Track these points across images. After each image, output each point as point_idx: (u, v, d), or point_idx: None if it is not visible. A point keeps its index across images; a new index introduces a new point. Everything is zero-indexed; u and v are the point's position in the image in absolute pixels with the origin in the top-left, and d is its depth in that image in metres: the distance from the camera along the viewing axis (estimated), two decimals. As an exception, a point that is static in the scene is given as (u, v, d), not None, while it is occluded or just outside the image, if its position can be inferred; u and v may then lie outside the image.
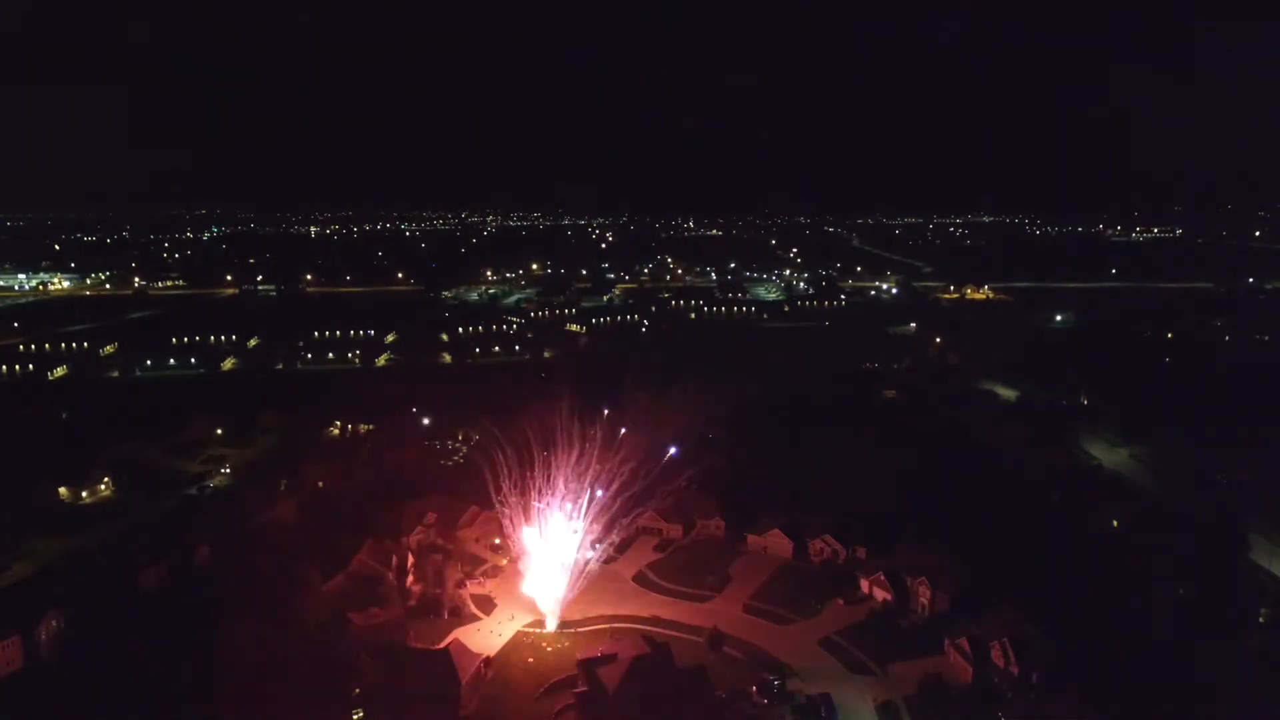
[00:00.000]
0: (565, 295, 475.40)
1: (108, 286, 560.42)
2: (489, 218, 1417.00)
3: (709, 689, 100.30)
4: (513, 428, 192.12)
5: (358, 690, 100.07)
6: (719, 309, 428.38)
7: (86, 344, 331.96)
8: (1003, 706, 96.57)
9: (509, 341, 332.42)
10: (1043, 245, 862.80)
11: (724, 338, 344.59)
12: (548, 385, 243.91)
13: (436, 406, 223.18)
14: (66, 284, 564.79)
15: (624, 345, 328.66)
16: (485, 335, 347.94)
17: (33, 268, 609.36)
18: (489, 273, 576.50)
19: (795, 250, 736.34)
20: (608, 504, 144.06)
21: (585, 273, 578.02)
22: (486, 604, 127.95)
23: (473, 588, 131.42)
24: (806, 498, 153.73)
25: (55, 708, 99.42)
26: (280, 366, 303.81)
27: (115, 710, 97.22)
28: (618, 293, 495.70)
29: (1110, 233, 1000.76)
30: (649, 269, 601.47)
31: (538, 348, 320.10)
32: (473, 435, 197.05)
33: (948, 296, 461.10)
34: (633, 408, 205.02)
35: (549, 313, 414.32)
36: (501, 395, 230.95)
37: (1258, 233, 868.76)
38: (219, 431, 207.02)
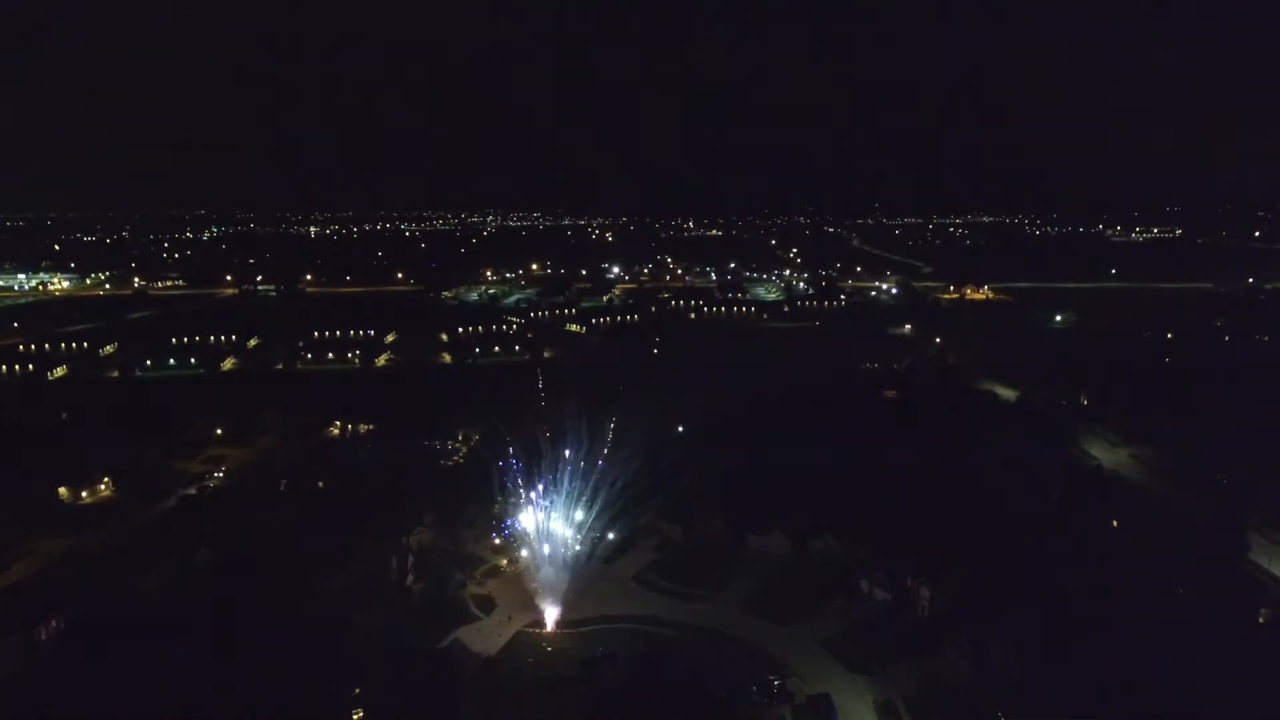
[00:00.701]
0: (565, 295, 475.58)
1: (108, 286, 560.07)
2: (489, 218, 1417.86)
3: (709, 689, 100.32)
4: (513, 427, 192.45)
5: (358, 690, 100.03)
6: (719, 309, 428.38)
7: (86, 344, 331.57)
8: (1003, 706, 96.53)
9: (509, 341, 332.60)
10: (1043, 245, 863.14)
11: (724, 337, 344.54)
12: (548, 385, 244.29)
13: (436, 406, 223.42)
14: (66, 284, 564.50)
15: (624, 345, 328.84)
16: (485, 335, 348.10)
17: (33, 268, 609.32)
18: (489, 273, 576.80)
19: (795, 250, 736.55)
20: (608, 504, 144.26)
21: (585, 273, 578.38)
22: (486, 604, 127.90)
23: (473, 588, 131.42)
24: (806, 498, 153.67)
25: (55, 708, 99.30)
26: (280, 366, 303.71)
27: (115, 710, 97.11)
28: (618, 293, 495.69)
29: (1110, 233, 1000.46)
30: (649, 269, 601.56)
31: (538, 348, 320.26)
32: (472, 435, 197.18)
33: (948, 296, 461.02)
34: (632, 407, 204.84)
35: (549, 313, 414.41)
36: (501, 395, 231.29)
37: (1258, 233, 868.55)
38: (219, 431, 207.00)
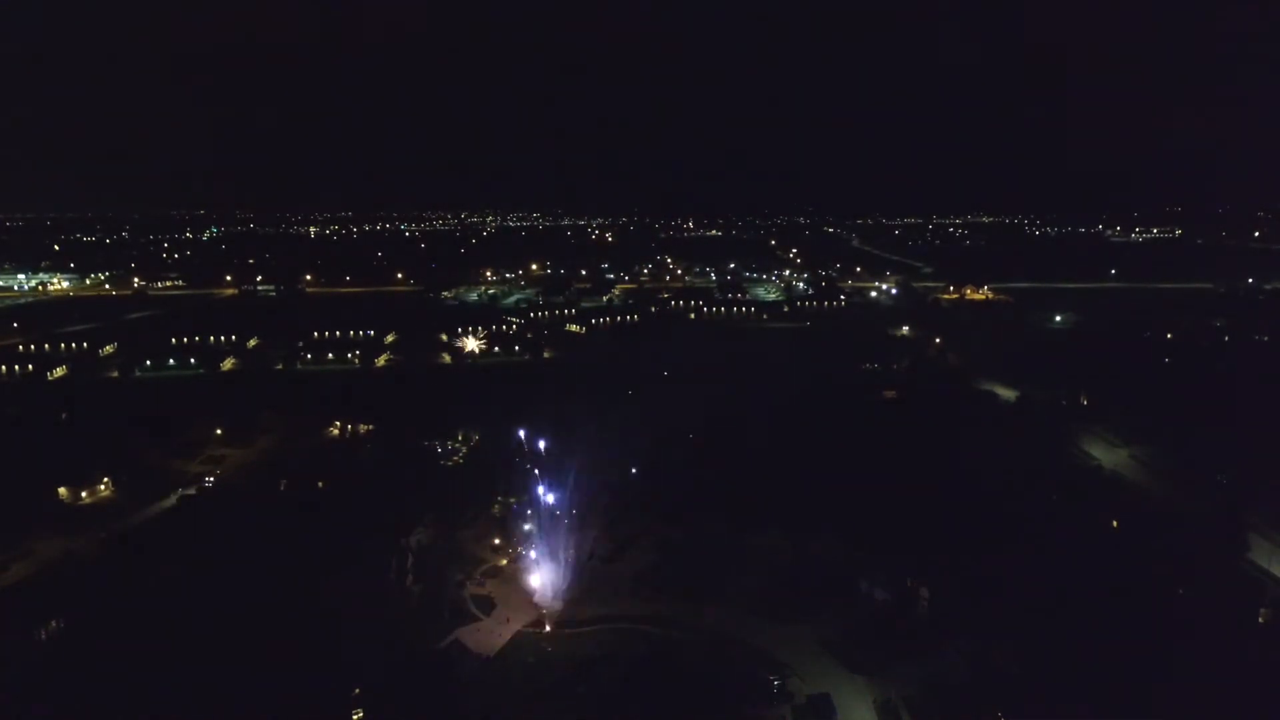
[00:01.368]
0: (565, 295, 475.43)
1: (107, 286, 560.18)
2: (489, 218, 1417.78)
3: (708, 689, 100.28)
4: (512, 428, 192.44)
5: (357, 690, 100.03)
6: (719, 309, 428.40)
7: (86, 344, 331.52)
8: (1003, 706, 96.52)
9: (509, 342, 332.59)
10: (1043, 245, 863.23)
11: (724, 337, 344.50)
12: (547, 385, 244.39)
13: (436, 406, 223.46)
14: (66, 284, 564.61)
15: (623, 345, 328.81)
16: (485, 335, 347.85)
17: (32, 268, 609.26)
18: (489, 273, 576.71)
19: (795, 250, 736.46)
20: (608, 503, 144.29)
21: (585, 273, 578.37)
22: (486, 604, 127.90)
23: (473, 588, 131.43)
24: (806, 498, 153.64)
25: (55, 709, 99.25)
26: (280, 366, 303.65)
27: (114, 711, 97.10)
28: (617, 293, 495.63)
29: (1110, 233, 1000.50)
30: (649, 269, 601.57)
31: (537, 348, 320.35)
32: (472, 435, 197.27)
33: (947, 297, 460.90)
34: (632, 407, 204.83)
35: (549, 313, 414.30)
36: (501, 395, 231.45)
37: (1257, 233, 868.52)
38: (218, 432, 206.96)
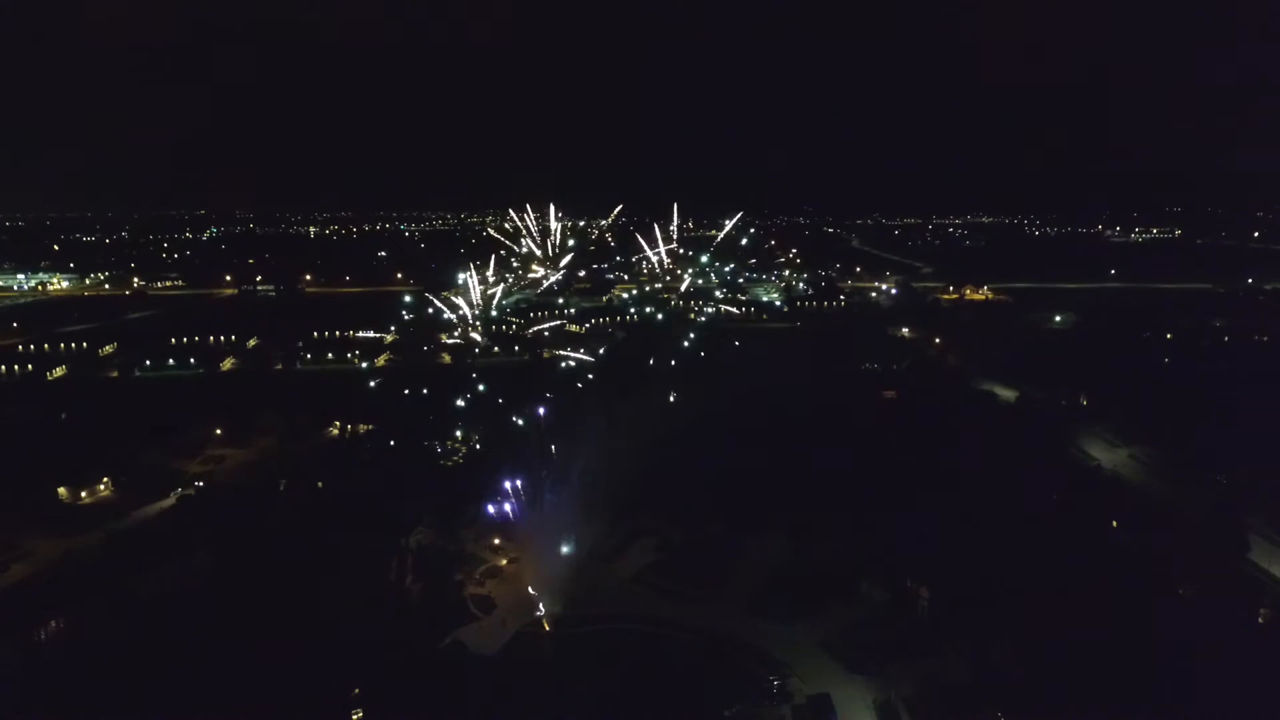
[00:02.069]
0: (565, 295, 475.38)
1: (107, 286, 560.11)
2: (488, 218, 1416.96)
3: (708, 689, 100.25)
4: (512, 428, 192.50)
5: (357, 690, 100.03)
6: (718, 309, 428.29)
7: (86, 344, 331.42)
8: (1003, 706, 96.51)
9: (509, 342, 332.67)
10: (1043, 245, 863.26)
11: (723, 337, 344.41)
12: (547, 385, 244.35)
13: (435, 406, 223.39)
14: (66, 284, 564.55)
15: (623, 345, 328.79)
16: (484, 335, 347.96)
17: (32, 268, 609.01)
18: (488, 273, 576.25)
19: (795, 250, 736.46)
20: (608, 503, 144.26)
21: (585, 273, 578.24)
22: (486, 604, 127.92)
23: (473, 588, 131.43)
24: (806, 498, 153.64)
25: (54, 709, 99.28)
26: (279, 367, 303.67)
27: (114, 711, 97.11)
28: (617, 292, 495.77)
29: (1110, 233, 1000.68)
30: (649, 269, 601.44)
31: (537, 348, 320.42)
32: (472, 435, 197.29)
33: (947, 297, 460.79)
34: (632, 407, 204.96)
35: (549, 313, 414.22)
36: (500, 395, 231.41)
37: (1257, 233, 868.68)
38: (218, 432, 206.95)
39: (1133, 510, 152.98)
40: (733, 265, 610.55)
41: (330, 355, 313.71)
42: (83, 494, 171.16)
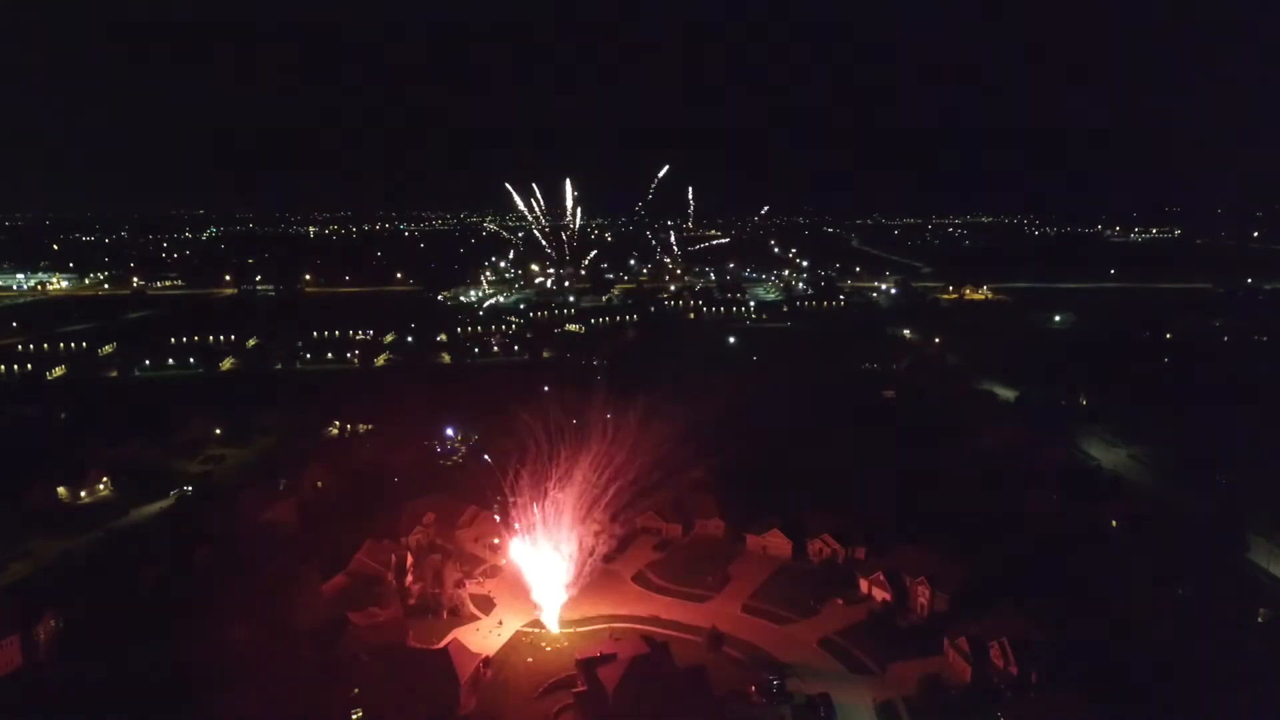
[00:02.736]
0: (564, 295, 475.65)
1: (106, 286, 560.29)
2: (488, 218, 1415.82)
3: (708, 689, 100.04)
4: (512, 427, 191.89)
5: (357, 690, 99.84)
6: (718, 309, 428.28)
7: (85, 344, 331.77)
8: (1002, 706, 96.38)
9: (508, 342, 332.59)
10: (1043, 245, 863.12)
11: (723, 337, 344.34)
12: (546, 385, 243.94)
13: (436, 406, 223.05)
14: (65, 284, 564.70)
15: (623, 345, 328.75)
16: (484, 335, 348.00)
17: (31, 267, 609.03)
18: (488, 273, 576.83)
19: (795, 250, 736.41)
20: (607, 503, 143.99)
21: (585, 273, 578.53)
22: (486, 604, 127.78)
23: (472, 588, 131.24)
24: (806, 498, 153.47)
25: (54, 708, 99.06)
26: (279, 367, 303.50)
27: (113, 711, 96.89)
28: (617, 293, 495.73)
29: (1110, 233, 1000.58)
30: (649, 269, 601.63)
31: (537, 348, 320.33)
32: (472, 435, 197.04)
33: (947, 297, 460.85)
34: (630, 407, 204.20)
35: (549, 313, 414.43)
36: (500, 395, 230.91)
37: (1256, 233, 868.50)
38: (217, 431, 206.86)
39: (1133, 510, 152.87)
40: (733, 265, 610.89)
41: (330, 355, 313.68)
42: (82, 494, 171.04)
